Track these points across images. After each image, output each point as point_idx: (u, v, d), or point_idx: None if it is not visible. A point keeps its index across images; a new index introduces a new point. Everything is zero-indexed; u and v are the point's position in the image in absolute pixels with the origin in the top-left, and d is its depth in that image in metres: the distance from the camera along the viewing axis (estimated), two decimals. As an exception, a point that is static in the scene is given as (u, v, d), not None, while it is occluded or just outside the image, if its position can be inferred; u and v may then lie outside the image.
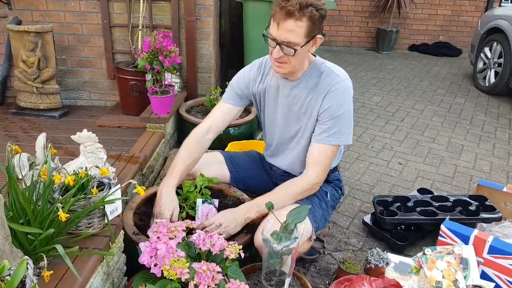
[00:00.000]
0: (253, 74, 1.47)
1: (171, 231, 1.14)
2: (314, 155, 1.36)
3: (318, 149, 1.36)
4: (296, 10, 1.15)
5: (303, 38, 1.20)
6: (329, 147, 1.35)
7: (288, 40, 1.20)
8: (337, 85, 1.32)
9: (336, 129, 1.33)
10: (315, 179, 1.37)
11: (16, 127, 2.38)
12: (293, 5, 1.15)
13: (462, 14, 5.90)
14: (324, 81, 1.34)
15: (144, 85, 2.27)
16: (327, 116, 1.33)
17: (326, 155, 1.36)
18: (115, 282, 1.29)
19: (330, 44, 6.01)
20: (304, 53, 1.27)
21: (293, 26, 1.17)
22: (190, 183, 1.45)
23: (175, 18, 2.56)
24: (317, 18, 1.19)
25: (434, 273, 1.41)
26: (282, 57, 1.24)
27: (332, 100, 1.32)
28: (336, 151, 1.38)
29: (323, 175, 1.39)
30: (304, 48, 1.24)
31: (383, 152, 2.76)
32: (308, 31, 1.20)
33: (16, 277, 0.81)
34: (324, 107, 1.33)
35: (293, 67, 1.29)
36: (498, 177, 2.49)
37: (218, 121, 1.49)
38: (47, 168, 1.12)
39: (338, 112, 1.32)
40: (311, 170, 1.37)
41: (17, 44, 2.42)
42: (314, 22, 1.19)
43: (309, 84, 1.36)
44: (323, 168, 1.37)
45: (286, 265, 1.16)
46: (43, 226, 1.03)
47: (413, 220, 1.80)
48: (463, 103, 3.79)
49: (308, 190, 1.39)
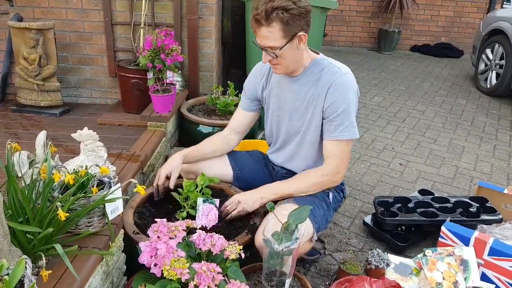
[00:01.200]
0: (259, 77, 1.52)
1: (172, 230, 1.14)
2: (330, 150, 1.38)
3: (332, 145, 1.38)
4: (262, 18, 1.22)
5: (280, 40, 1.25)
6: (342, 141, 1.37)
7: (267, 45, 1.27)
8: (339, 79, 1.34)
9: (346, 123, 1.34)
10: (332, 170, 1.39)
11: (17, 124, 2.37)
12: (260, 13, 1.21)
13: (464, 15, 5.89)
14: (326, 75, 1.35)
15: (146, 83, 2.26)
16: (334, 111, 1.34)
17: (341, 149, 1.38)
18: (115, 282, 1.28)
19: (332, 44, 6.00)
20: (292, 53, 1.29)
21: (265, 32, 1.24)
22: (191, 182, 1.45)
23: (177, 17, 2.56)
24: (289, 18, 1.21)
25: (435, 275, 1.41)
26: (271, 60, 1.31)
27: (336, 94, 1.33)
28: (350, 145, 1.40)
29: (342, 168, 1.41)
30: (288, 48, 1.26)
31: (384, 153, 2.76)
32: (283, 32, 1.24)
33: (15, 276, 0.80)
34: (329, 102, 1.34)
35: (286, 67, 1.33)
36: (499, 179, 2.49)
37: (238, 124, 1.59)
38: (47, 166, 1.11)
39: (344, 106, 1.33)
40: (327, 162, 1.40)
41: (18, 41, 2.42)
42: (286, 22, 1.22)
43: (311, 79, 1.38)
44: (339, 161, 1.39)
45: (287, 266, 1.15)
46: (42, 225, 1.03)
47: (413, 221, 1.80)
48: (464, 104, 3.79)
49: (327, 182, 1.41)
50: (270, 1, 1.21)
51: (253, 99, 1.56)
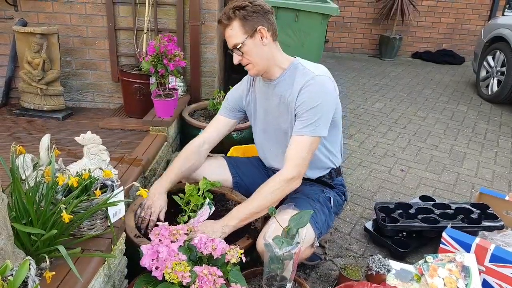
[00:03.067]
0: (243, 88, 1.59)
1: (173, 234, 1.14)
2: (290, 148, 1.36)
3: (294, 142, 1.36)
4: (223, 19, 1.36)
5: (241, 36, 1.34)
6: (305, 138, 1.34)
7: (232, 44, 1.37)
8: (311, 80, 1.36)
9: (311, 121, 1.34)
10: (289, 174, 1.33)
11: (20, 128, 2.39)
12: (221, 16, 1.36)
13: (465, 22, 5.92)
14: (300, 77, 1.39)
15: (148, 88, 2.28)
16: (303, 109, 1.36)
17: (302, 147, 1.34)
18: (116, 285, 1.28)
19: (334, 51, 6.03)
20: (257, 48, 1.36)
21: (229, 32, 1.36)
22: (193, 186, 1.46)
23: (180, 22, 2.58)
24: (246, 15, 1.32)
25: (436, 281, 1.41)
26: (241, 60, 1.39)
27: (306, 94, 1.35)
28: (313, 145, 1.36)
29: (301, 169, 1.34)
30: (251, 44, 1.34)
31: (385, 159, 2.76)
32: (243, 28, 1.33)
33: (19, 277, 0.81)
34: (299, 102, 1.36)
35: (257, 65, 1.39)
36: (500, 186, 2.49)
37: (213, 134, 1.61)
38: (51, 169, 1.12)
39: (313, 104, 1.34)
40: (285, 165, 1.35)
41: (22, 45, 2.44)
42: (244, 18, 1.33)
43: (288, 82, 1.42)
44: (299, 161, 1.34)
45: (288, 270, 1.15)
46: (45, 227, 1.03)
47: (414, 227, 1.80)
48: (465, 111, 3.79)
49: (286, 186, 1.34)
50: (228, 5, 1.35)
51: (237, 107, 1.60)
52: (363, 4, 5.83)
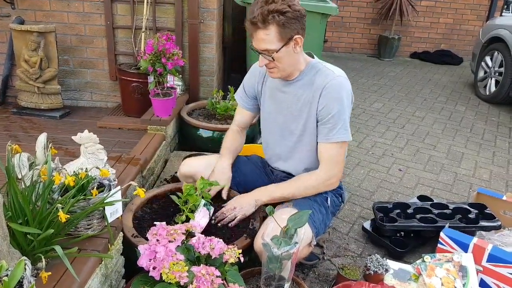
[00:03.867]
0: (257, 75, 1.54)
1: (171, 234, 1.14)
2: (324, 154, 1.40)
3: (326, 148, 1.39)
4: (259, 21, 1.23)
5: (276, 43, 1.27)
6: (336, 144, 1.37)
7: (264, 48, 1.28)
8: (332, 81, 1.35)
9: (339, 125, 1.35)
10: (327, 173, 1.40)
11: (17, 127, 2.38)
12: (256, 17, 1.24)
13: (463, 23, 5.93)
14: (320, 78, 1.37)
15: (146, 87, 2.27)
16: (327, 114, 1.35)
17: (333, 153, 1.39)
18: (113, 285, 1.28)
19: (332, 50, 6.03)
20: (289, 56, 1.31)
21: (262, 35, 1.26)
22: (190, 185, 1.45)
23: (178, 21, 2.57)
24: (285, 21, 1.23)
25: (433, 281, 1.41)
26: (267, 64, 1.32)
27: (329, 97, 1.34)
28: (344, 147, 1.41)
29: (337, 172, 1.42)
30: (284, 51, 1.28)
31: (384, 159, 2.76)
32: (280, 36, 1.26)
33: (14, 277, 0.80)
34: (322, 105, 1.35)
35: (283, 70, 1.35)
36: (498, 186, 2.49)
37: (241, 121, 1.65)
38: (47, 168, 1.12)
39: (336, 109, 1.34)
40: (321, 167, 1.41)
41: (19, 43, 2.43)
42: (283, 25, 1.24)
43: (305, 82, 1.39)
44: (334, 164, 1.40)
45: (286, 270, 1.15)
46: (42, 227, 1.03)
47: (412, 227, 1.80)
48: (463, 111, 3.80)
49: (322, 185, 1.42)
50: (266, 4, 1.23)
51: (252, 97, 1.57)
52: (362, 4, 5.83)
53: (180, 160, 2.13)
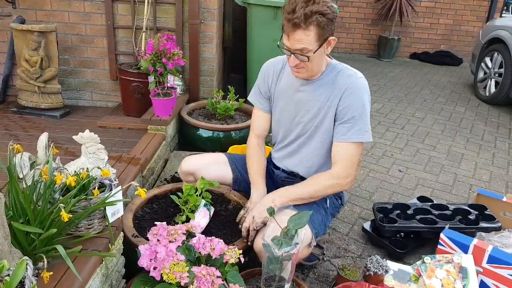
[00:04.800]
0: (271, 75, 1.52)
1: (171, 234, 1.14)
2: (340, 153, 1.38)
3: (343, 147, 1.37)
4: (301, 21, 1.20)
5: (314, 44, 1.26)
6: (353, 144, 1.37)
7: (300, 48, 1.26)
8: (355, 83, 1.35)
9: (359, 126, 1.35)
10: (343, 173, 1.37)
11: (17, 126, 2.38)
12: (298, 17, 1.20)
13: (463, 23, 5.94)
14: (342, 78, 1.37)
15: (147, 87, 2.27)
16: (348, 114, 1.35)
17: (351, 153, 1.37)
18: (114, 285, 1.28)
19: (332, 51, 5.97)
20: (319, 56, 1.31)
21: (302, 36, 1.23)
22: (190, 186, 1.45)
23: (179, 21, 2.58)
24: (325, 23, 1.23)
25: (433, 282, 1.41)
26: (298, 63, 1.31)
27: (351, 98, 1.34)
28: (360, 148, 1.40)
29: (352, 172, 1.39)
30: (318, 52, 1.28)
31: (383, 159, 2.76)
32: (318, 36, 1.25)
33: (16, 277, 0.80)
34: (344, 105, 1.35)
35: (311, 70, 1.35)
36: (498, 187, 2.50)
37: (263, 129, 1.59)
38: (49, 168, 1.12)
39: (358, 110, 1.34)
40: (336, 166, 1.38)
41: (20, 43, 2.43)
42: (323, 27, 1.23)
43: (326, 82, 1.39)
44: (349, 164, 1.38)
45: (286, 271, 1.15)
46: (43, 227, 1.03)
47: (412, 228, 1.80)
48: (463, 112, 3.81)
49: (337, 185, 1.38)
50: (307, 5, 1.20)
51: (267, 98, 1.55)
52: (362, 5, 5.83)
53: (180, 160, 2.14)
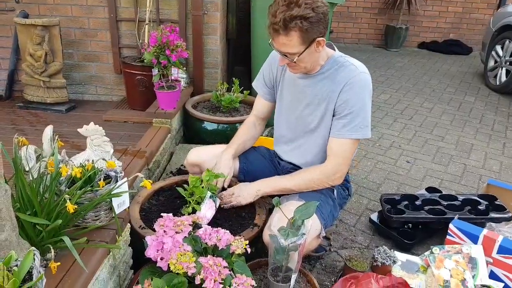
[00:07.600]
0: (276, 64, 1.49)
1: (178, 225, 1.14)
2: (333, 148, 1.37)
3: (337, 143, 1.36)
4: (280, 28, 1.18)
5: (299, 47, 1.23)
6: (348, 140, 1.35)
7: (285, 51, 1.25)
8: (355, 77, 1.31)
9: (355, 122, 1.32)
10: (332, 169, 1.37)
11: (23, 121, 2.39)
12: (277, 23, 1.17)
13: (473, 11, 5.80)
14: (342, 73, 1.34)
15: (151, 80, 2.26)
16: (345, 109, 1.32)
17: (345, 148, 1.36)
18: (122, 275, 1.29)
19: (338, 41, 5.95)
20: (309, 56, 1.28)
21: (284, 41, 1.22)
22: (196, 178, 1.45)
23: (182, 13, 2.55)
24: (308, 27, 1.18)
25: (442, 272, 1.39)
26: (288, 63, 1.30)
27: (350, 93, 1.31)
28: (356, 145, 1.38)
29: (343, 168, 1.38)
30: (306, 53, 1.25)
31: (391, 150, 2.73)
32: (302, 40, 1.21)
33: (23, 267, 0.81)
34: (342, 100, 1.32)
35: (304, 68, 1.33)
36: (508, 177, 2.45)
37: (260, 111, 1.60)
38: (54, 160, 1.12)
39: (356, 106, 1.31)
40: (328, 161, 1.39)
41: (24, 37, 2.43)
42: (306, 31, 1.19)
43: (326, 76, 1.36)
44: (342, 160, 1.37)
45: (293, 262, 1.15)
46: (50, 218, 1.03)
47: (421, 219, 1.78)
48: (473, 101, 3.74)
49: (325, 180, 1.39)
50: (288, 9, 1.15)
51: (271, 87, 1.54)
52: (368, -6, 5.73)
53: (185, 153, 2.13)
